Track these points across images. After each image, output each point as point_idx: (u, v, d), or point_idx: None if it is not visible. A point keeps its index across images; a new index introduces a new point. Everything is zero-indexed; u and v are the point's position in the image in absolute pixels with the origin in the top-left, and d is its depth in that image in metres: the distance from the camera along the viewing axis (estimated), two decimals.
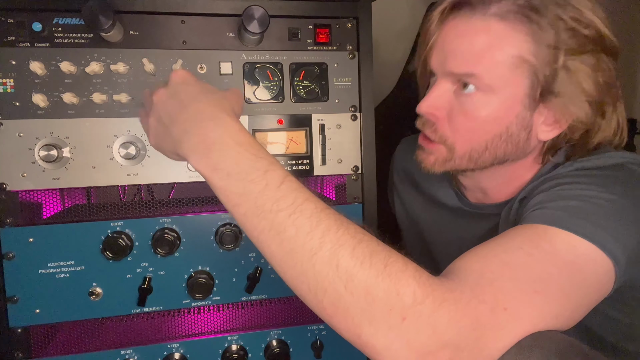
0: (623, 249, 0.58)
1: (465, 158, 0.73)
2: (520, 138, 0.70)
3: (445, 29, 0.70)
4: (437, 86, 0.71)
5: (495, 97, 0.67)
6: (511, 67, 0.66)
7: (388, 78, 1.58)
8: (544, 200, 0.64)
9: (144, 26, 0.75)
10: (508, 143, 0.70)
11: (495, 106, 0.68)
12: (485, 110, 0.68)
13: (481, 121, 0.69)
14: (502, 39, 0.65)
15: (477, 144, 0.71)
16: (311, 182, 0.94)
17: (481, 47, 0.66)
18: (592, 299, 0.57)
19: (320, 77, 0.82)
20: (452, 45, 0.68)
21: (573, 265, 0.55)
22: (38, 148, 0.72)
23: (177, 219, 0.78)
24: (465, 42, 0.67)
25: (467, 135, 0.71)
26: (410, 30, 1.58)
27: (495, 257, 0.55)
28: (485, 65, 0.66)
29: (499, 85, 0.66)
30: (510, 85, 0.66)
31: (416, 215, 0.98)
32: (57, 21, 0.72)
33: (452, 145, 0.72)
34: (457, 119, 0.70)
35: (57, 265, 0.74)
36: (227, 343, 0.83)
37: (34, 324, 0.75)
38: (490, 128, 0.69)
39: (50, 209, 0.82)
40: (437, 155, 0.75)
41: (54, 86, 0.72)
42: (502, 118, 0.69)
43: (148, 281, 0.77)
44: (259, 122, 0.80)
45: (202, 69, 0.77)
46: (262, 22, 0.71)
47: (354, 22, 0.82)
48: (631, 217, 0.60)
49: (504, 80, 0.66)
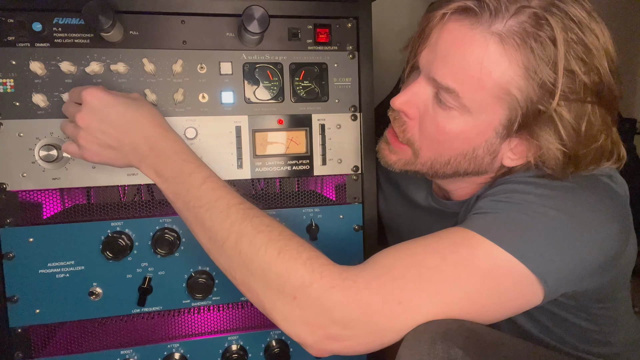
0: (553, 266, 0.58)
1: (426, 166, 0.73)
2: (484, 161, 0.70)
3: (445, 29, 0.66)
4: (417, 84, 0.69)
5: (470, 119, 0.66)
6: (494, 97, 0.63)
7: (388, 78, 1.58)
8: (487, 206, 0.64)
9: (144, 26, 0.75)
10: (471, 162, 0.70)
11: (468, 127, 0.66)
12: (457, 128, 0.67)
13: (450, 137, 0.68)
14: (495, 65, 0.61)
15: (440, 157, 0.71)
16: (311, 182, 0.94)
17: (471, 66, 0.62)
18: (507, 307, 0.61)
19: (320, 77, 0.82)
20: (445, 51, 0.65)
21: (488, 273, 0.57)
22: (38, 148, 0.72)
23: (177, 219, 0.78)
24: (458, 52, 0.63)
25: (433, 145, 0.70)
26: (410, 30, 1.58)
27: (411, 257, 0.59)
28: (469, 86, 0.63)
29: (477, 109, 0.64)
30: (488, 113, 0.65)
31: (395, 213, 0.99)
32: (57, 21, 0.72)
33: (417, 149, 0.72)
34: (427, 126, 0.69)
35: (57, 265, 0.74)
36: (227, 343, 0.83)
37: (34, 324, 0.75)
38: (457, 145, 0.69)
39: (50, 209, 0.82)
40: (401, 157, 0.75)
41: (54, 86, 0.72)
42: (472, 140, 0.68)
43: (148, 281, 0.77)
44: (259, 122, 0.80)
45: (202, 69, 0.77)
46: (262, 22, 0.71)
47: (354, 22, 0.82)
48: (569, 235, 0.59)
49: (484, 106, 0.64)
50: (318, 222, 0.83)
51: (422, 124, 0.70)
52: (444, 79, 0.65)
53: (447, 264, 0.57)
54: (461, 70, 0.63)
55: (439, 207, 0.86)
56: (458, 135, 0.67)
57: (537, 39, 0.59)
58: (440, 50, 0.66)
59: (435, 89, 0.67)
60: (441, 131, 0.68)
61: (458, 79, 0.63)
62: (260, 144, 0.80)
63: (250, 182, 0.85)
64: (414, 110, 0.70)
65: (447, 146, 0.69)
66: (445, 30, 0.66)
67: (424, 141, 0.71)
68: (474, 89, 0.63)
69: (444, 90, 0.65)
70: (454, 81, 0.64)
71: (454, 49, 0.64)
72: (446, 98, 0.65)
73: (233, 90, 0.79)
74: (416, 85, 0.69)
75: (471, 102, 0.64)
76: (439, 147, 0.70)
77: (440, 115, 0.67)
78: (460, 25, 0.64)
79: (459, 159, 0.70)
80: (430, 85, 0.68)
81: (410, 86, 0.70)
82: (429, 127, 0.69)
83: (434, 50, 0.67)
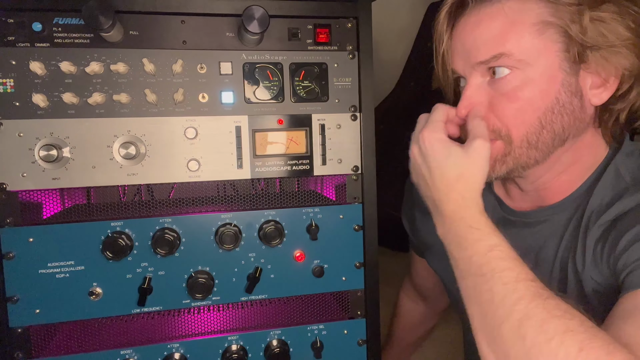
0: None
1: (524, 145, 0.69)
2: (573, 106, 0.67)
3: (458, 29, 0.68)
4: (468, 85, 0.69)
5: (532, 70, 0.65)
6: (537, 35, 0.64)
7: (388, 78, 1.58)
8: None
9: (144, 26, 0.75)
10: (563, 114, 0.67)
11: (536, 77, 0.65)
12: (526, 85, 0.66)
13: (526, 98, 0.66)
14: (519, 12, 0.63)
15: (530, 125, 0.68)
16: (311, 182, 0.94)
17: (501, 27, 0.64)
18: None
19: (320, 77, 0.82)
20: (470, 39, 0.67)
21: None
22: (38, 148, 0.72)
23: (177, 219, 0.78)
24: (483, 30, 0.66)
25: (518, 119, 0.68)
26: (410, 30, 1.58)
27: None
28: (511, 42, 0.64)
29: (532, 56, 0.64)
30: (543, 53, 0.64)
31: None
32: (57, 21, 0.72)
33: (507, 134, 0.69)
34: (500, 105, 0.68)
35: (57, 265, 0.74)
36: (227, 343, 0.83)
37: (34, 324, 0.75)
38: (538, 103, 0.66)
39: (50, 209, 0.82)
40: (495, 153, 0.71)
41: (54, 86, 0.72)
42: (547, 90, 0.66)
43: (148, 281, 0.76)
44: (259, 122, 0.80)
45: (202, 69, 0.77)
46: (262, 22, 0.71)
47: (354, 22, 0.82)
48: None
49: (535, 49, 0.64)
50: (318, 222, 0.83)
51: (496, 108, 0.69)
52: (486, 55, 0.66)
53: None
54: (495, 37, 0.65)
55: (515, 218, 0.81)
56: (532, 92, 0.66)
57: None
58: (467, 42, 0.68)
59: (485, 74, 0.68)
60: (515, 98, 0.67)
61: (498, 44, 0.65)
62: (260, 144, 0.80)
63: (250, 182, 0.85)
64: (479, 103, 0.69)
65: (530, 110, 0.67)
66: (459, 29, 0.68)
67: (507, 122, 0.69)
68: (518, 40, 0.64)
69: (493, 62, 0.66)
70: (496, 47, 0.65)
71: (478, 31, 0.66)
72: (500, 63, 0.66)
73: (233, 90, 0.79)
74: (468, 87, 0.70)
75: (523, 53, 0.64)
76: (523, 115, 0.67)
77: (505, 87, 0.67)
78: (468, 15, 0.67)
79: (548, 116, 0.67)
80: (479, 74, 0.69)
81: (464, 91, 0.70)
82: (502, 105, 0.68)
83: (461, 48, 0.68)
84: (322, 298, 0.90)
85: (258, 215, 0.81)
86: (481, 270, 0.55)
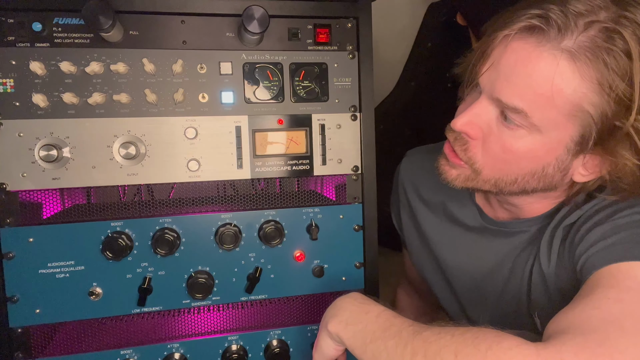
0: None
1: (490, 183, 0.70)
2: (554, 178, 0.67)
3: (509, 49, 0.63)
4: (478, 104, 0.67)
5: (540, 137, 0.63)
6: (566, 114, 0.60)
7: (388, 78, 1.58)
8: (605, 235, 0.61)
9: (144, 26, 0.75)
10: (540, 180, 0.67)
11: (537, 145, 0.64)
12: (525, 147, 0.64)
13: (517, 156, 0.65)
14: (566, 82, 0.59)
15: (506, 176, 0.68)
16: (311, 182, 0.94)
17: (539, 85, 0.60)
18: None
19: (320, 77, 0.82)
20: (509, 70, 0.62)
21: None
22: (38, 148, 0.72)
23: (177, 219, 0.78)
24: (524, 71, 0.61)
25: (498, 166, 0.68)
26: (410, 30, 1.58)
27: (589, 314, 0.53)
28: (538, 105, 0.60)
29: (547, 127, 0.62)
30: (559, 130, 0.62)
31: (427, 233, 0.96)
32: (57, 21, 0.72)
33: (479, 169, 0.69)
34: (492, 146, 0.67)
35: (57, 265, 0.74)
36: (227, 343, 0.83)
37: (34, 324, 0.75)
38: (525, 164, 0.66)
39: (50, 209, 0.82)
40: (460, 172, 0.72)
41: (54, 86, 0.72)
42: (541, 158, 0.65)
43: (148, 281, 0.77)
44: (259, 122, 0.80)
45: (202, 69, 0.77)
46: (262, 22, 0.71)
47: (354, 22, 0.82)
48: None
49: (554, 124, 0.61)
50: (318, 222, 0.83)
51: (486, 144, 0.68)
52: (510, 99, 0.62)
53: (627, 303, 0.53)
54: (529, 89, 0.61)
55: (494, 227, 0.82)
56: (526, 154, 0.65)
57: (610, 53, 0.57)
58: (504, 70, 0.63)
59: (500, 108, 0.65)
60: (508, 150, 0.65)
61: (526, 98, 0.61)
62: (260, 144, 0.80)
63: (250, 182, 0.85)
64: (476, 130, 0.68)
65: (514, 165, 0.67)
66: (509, 50, 0.63)
67: (487, 160, 0.68)
68: (544, 108, 0.61)
69: (510, 110, 0.63)
70: (522, 100, 0.61)
71: (520, 67, 0.61)
72: (513, 117, 0.63)
73: (233, 90, 0.79)
74: (477, 105, 0.67)
75: (541, 121, 0.62)
76: (505, 166, 0.67)
77: (507, 135, 0.65)
78: (525, 44, 0.61)
79: (526, 178, 0.68)
80: (494, 105, 0.66)
81: (472, 107, 0.67)
82: (494, 147, 0.67)
83: (497, 69, 0.64)
84: (322, 298, 0.90)
85: (258, 215, 0.81)
86: (374, 335, 0.60)
